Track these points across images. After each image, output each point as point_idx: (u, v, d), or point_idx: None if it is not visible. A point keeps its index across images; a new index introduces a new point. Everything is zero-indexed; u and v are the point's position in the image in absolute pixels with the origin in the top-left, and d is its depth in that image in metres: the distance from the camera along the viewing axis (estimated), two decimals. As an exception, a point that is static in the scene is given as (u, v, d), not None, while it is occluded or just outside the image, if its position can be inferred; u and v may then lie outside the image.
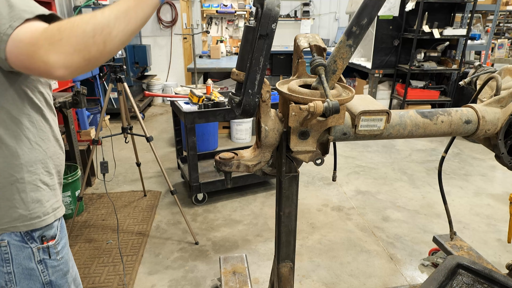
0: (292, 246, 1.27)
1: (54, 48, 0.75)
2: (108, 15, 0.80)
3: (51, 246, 1.06)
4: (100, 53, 0.80)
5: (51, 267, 1.08)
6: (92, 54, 0.79)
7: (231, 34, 7.48)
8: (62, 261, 1.11)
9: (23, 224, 0.99)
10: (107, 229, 2.79)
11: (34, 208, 1.00)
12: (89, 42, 0.77)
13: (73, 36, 0.76)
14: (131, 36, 0.85)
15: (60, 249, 1.10)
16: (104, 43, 0.79)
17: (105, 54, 0.81)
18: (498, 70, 1.41)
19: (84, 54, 0.78)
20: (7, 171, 0.94)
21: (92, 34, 0.77)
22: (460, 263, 1.29)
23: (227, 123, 4.99)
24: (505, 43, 5.53)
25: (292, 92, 1.00)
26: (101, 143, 3.14)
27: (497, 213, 3.08)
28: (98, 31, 0.78)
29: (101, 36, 0.78)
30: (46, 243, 1.04)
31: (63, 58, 0.76)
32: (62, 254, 1.11)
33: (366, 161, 4.19)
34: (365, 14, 0.93)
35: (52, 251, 1.07)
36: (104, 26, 0.79)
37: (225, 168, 1.10)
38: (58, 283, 1.11)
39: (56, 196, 1.08)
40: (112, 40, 0.80)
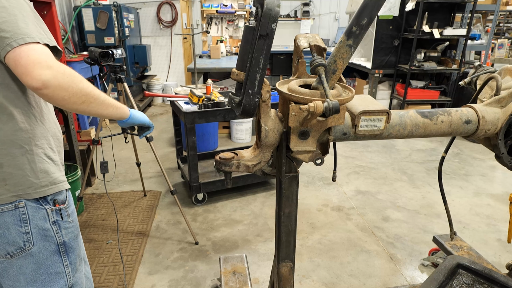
0: (292, 246, 1.27)
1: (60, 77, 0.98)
2: (100, 96, 1.09)
3: (62, 209, 1.17)
4: (73, 104, 1.02)
5: (64, 228, 1.17)
6: (70, 100, 1.01)
7: (231, 34, 7.48)
8: (73, 223, 1.22)
9: (35, 191, 1.10)
10: (107, 229, 2.79)
11: (43, 177, 1.11)
12: (77, 95, 1.01)
13: (74, 84, 1.01)
14: (92, 115, 1.14)
15: (71, 213, 1.21)
16: (82, 104, 1.04)
17: (74, 108, 1.04)
18: (498, 70, 1.41)
19: (66, 95, 0.99)
20: (18, 143, 1.06)
21: (83, 94, 1.03)
22: (460, 263, 1.29)
23: (227, 123, 4.99)
24: (505, 43, 5.53)
25: (292, 92, 1.00)
26: (101, 143, 3.14)
27: (497, 213, 3.08)
28: (87, 96, 1.05)
29: (84, 100, 1.04)
30: (58, 205, 1.15)
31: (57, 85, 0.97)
32: (73, 218, 1.21)
33: (366, 161, 4.19)
34: (365, 14, 0.93)
35: (64, 213, 1.17)
36: (93, 98, 1.07)
37: (225, 168, 1.10)
38: (71, 245, 1.21)
39: (61, 171, 1.19)
40: (86, 107, 1.06)
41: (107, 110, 1.14)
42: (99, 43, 5.06)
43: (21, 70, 0.94)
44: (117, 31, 5.18)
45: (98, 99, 1.08)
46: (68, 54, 4.77)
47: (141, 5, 6.42)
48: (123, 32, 5.31)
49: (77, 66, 4.35)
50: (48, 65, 0.96)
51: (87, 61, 2.46)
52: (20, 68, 0.94)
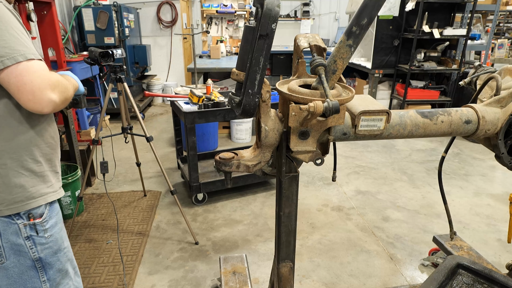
0: (292, 246, 1.27)
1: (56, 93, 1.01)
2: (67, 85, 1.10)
3: (38, 224, 1.10)
4: (63, 102, 1.06)
5: (40, 244, 1.12)
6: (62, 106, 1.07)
7: (231, 34, 7.48)
8: (51, 239, 1.15)
9: (7, 208, 1.04)
10: (107, 229, 2.79)
11: (17, 192, 1.06)
12: (68, 99, 1.10)
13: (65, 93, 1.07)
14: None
15: (49, 228, 1.14)
16: (63, 103, 1.07)
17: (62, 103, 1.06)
18: (498, 70, 1.41)
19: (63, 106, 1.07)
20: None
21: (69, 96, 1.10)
22: (460, 263, 1.29)
23: (227, 123, 4.99)
24: (505, 43, 5.53)
25: (292, 92, 1.00)
26: (101, 143, 3.14)
27: (497, 213, 3.08)
28: (68, 94, 1.10)
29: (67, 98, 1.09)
30: (33, 220, 1.09)
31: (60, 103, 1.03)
32: (51, 233, 1.15)
33: (366, 161, 4.19)
34: (365, 14, 0.93)
35: (39, 228, 1.11)
36: (70, 93, 1.13)
37: (225, 168, 1.10)
38: (49, 261, 1.15)
39: (46, 182, 1.13)
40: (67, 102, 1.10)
41: (71, 92, 1.15)
42: (99, 43, 5.06)
43: (26, 97, 0.93)
44: (117, 31, 5.18)
45: (70, 90, 1.12)
46: (68, 54, 4.77)
47: (141, 5, 6.42)
48: (123, 32, 5.30)
49: (77, 66, 4.35)
50: (52, 84, 0.97)
51: (87, 61, 2.46)
52: (25, 95, 0.93)
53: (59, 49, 3.96)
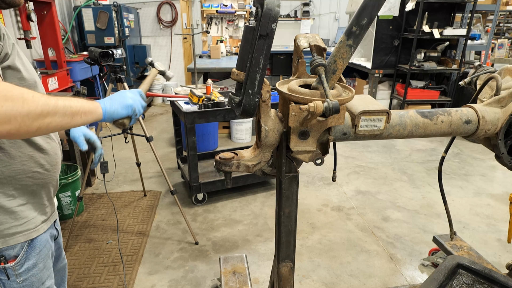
0: (292, 246, 1.27)
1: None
2: (60, 106, 0.80)
3: (8, 268, 0.97)
4: (27, 133, 0.77)
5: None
6: (19, 132, 0.75)
7: (231, 34, 7.47)
8: (24, 283, 1.02)
9: None
10: (107, 229, 2.79)
11: None
12: (26, 122, 0.75)
13: (15, 109, 0.73)
14: (60, 130, 0.87)
15: (23, 271, 1.00)
16: (37, 129, 0.78)
17: (27, 136, 0.80)
18: (498, 70, 1.41)
19: (12, 127, 0.74)
20: None
21: (35, 118, 0.76)
22: (460, 263, 1.29)
23: (227, 123, 4.99)
24: (505, 43, 5.53)
25: (292, 92, 1.00)
26: (101, 143, 3.14)
27: (497, 213, 3.08)
28: (42, 116, 0.77)
29: (40, 122, 0.77)
30: (3, 264, 0.97)
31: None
32: (26, 276, 1.02)
33: (366, 161, 4.19)
34: (365, 14, 0.93)
35: (10, 272, 0.98)
36: (49, 114, 0.78)
37: (225, 168, 1.10)
38: None
39: (17, 220, 0.98)
40: (45, 129, 0.79)
41: (74, 121, 0.85)
42: (99, 43, 5.07)
43: None
44: (117, 31, 5.18)
45: (58, 112, 0.80)
46: (68, 54, 4.77)
47: (141, 5, 6.42)
48: (123, 32, 5.31)
49: (77, 66, 4.36)
50: None
51: (87, 61, 2.46)
52: None
53: (59, 49, 3.96)
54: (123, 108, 1.00)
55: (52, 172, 1.07)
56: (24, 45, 3.52)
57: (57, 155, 1.08)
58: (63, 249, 1.34)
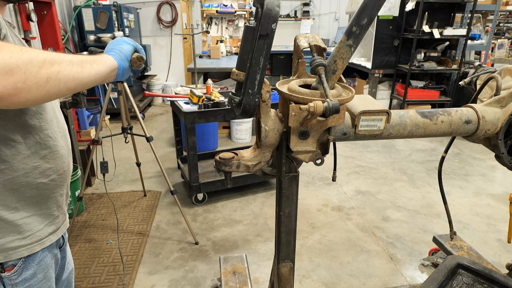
0: (292, 246, 1.27)
1: None
2: (63, 56, 0.76)
3: (5, 277, 0.93)
4: (37, 87, 0.69)
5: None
6: (27, 84, 0.67)
7: (231, 34, 7.48)
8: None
9: None
10: (107, 229, 2.79)
11: None
12: (31, 70, 0.68)
13: (14, 57, 0.66)
14: (77, 86, 0.79)
15: (20, 282, 0.96)
16: (47, 80, 0.71)
17: (41, 92, 0.71)
18: (498, 70, 1.41)
19: (18, 79, 0.66)
20: None
21: (40, 65, 0.69)
22: (460, 263, 1.29)
23: (227, 123, 4.99)
24: (505, 43, 5.53)
25: (292, 92, 1.00)
26: (101, 143, 3.14)
27: (497, 213, 3.08)
28: (47, 63, 0.70)
29: (48, 71, 0.70)
30: (0, 272, 0.93)
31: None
32: (23, 287, 0.97)
33: (366, 161, 4.19)
34: (365, 14, 0.93)
35: (6, 282, 0.94)
36: (55, 62, 0.72)
37: (225, 168, 1.10)
38: None
39: (20, 233, 0.93)
40: (56, 80, 0.72)
41: (86, 70, 0.80)
42: (99, 43, 5.06)
43: None
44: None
45: (64, 60, 0.75)
46: (68, 54, 4.77)
47: (141, 5, 6.42)
48: (123, 32, 5.30)
49: (77, 66, 4.35)
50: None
51: (87, 61, 2.45)
52: None
53: (59, 49, 3.95)
54: (124, 43, 0.97)
55: (59, 181, 1.02)
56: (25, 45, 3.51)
57: (64, 163, 1.03)
58: (71, 254, 1.27)
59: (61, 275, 1.20)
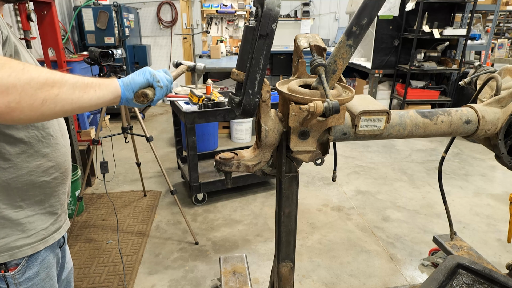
0: (292, 246, 1.27)
1: None
2: (68, 78, 0.73)
3: (8, 276, 0.94)
4: (31, 109, 0.67)
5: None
6: (21, 104, 0.66)
7: (231, 34, 7.47)
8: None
9: None
10: (107, 229, 2.79)
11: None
12: (28, 91, 0.66)
13: (13, 76, 0.65)
14: (75, 110, 0.76)
15: (23, 281, 0.97)
16: (43, 102, 0.68)
17: (35, 113, 0.69)
18: (498, 70, 1.41)
19: (12, 99, 0.65)
20: None
21: (38, 86, 0.67)
22: (460, 263, 1.29)
23: (227, 123, 4.99)
24: (505, 43, 5.53)
25: (292, 92, 1.00)
26: (101, 143, 3.14)
27: (497, 213, 3.08)
28: (47, 85, 0.68)
29: (45, 93, 0.68)
30: (4, 272, 0.93)
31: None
32: (26, 286, 0.98)
33: (366, 161, 4.19)
34: (365, 14, 0.93)
35: (10, 281, 0.94)
36: (56, 84, 0.70)
37: (225, 168, 1.10)
38: None
39: (24, 232, 0.94)
40: (52, 103, 0.70)
41: (88, 94, 0.77)
42: (99, 43, 5.07)
43: None
44: (117, 31, 5.18)
45: (66, 83, 0.73)
46: (68, 54, 4.77)
47: (141, 5, 6.42)
48: (123, 32, 5.31)
49: (77, 66, 4.35)
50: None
51: (87, 61, 2.46)
52: None
53: (59, 49, 3.95)
54: (140, 75, 0.90)
55: (61, 179, 1.02)
56: (24, 45, 3.52)
57: (66, 161, 1.03)
58: (70, 253, 1.28)
59: (61, 274, 1.21)
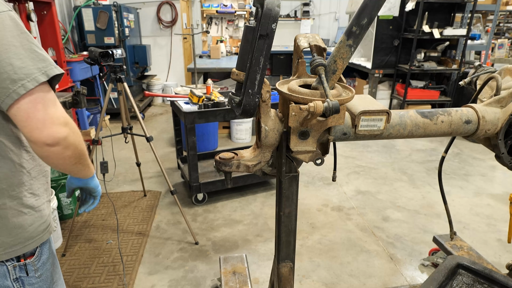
0: (292, 246, 1.27)
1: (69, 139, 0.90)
2: (86, 154, 1.02)
3: (28, 264, 1.01)
4: (67, 164, 0.95)
5: (29, 284, 1.03)
6: (70, 160, 0.94)
7: (231, 34, 7.47)
8: (41, 278, 1.06)
9: (4, 252, 0.95)
10: (107, 229, 2.79)
11: (16, 234, 0.96)
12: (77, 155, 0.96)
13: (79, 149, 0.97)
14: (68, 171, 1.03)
15: (40, 266, 1.04)
16: (74, 165, 0.98)
17: (62, 167, 0.96)
18: (498, 70, 1.41)
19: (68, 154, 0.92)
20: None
21: (81, 155, 0.98)
22: (460, 263, 1.29)
23: (227, 123, 4.99)
24: (505, 43, 5.53)
25: (292, 92, 1.00)
26: (101, 143, 3.14)
27: (497, 213, 3.08)
28: (81, 158, 0.99)
29: (79, 161, 0.98)
30: (24, 260, 1.00)
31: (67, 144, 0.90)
32: (42, 271, 1.05)
33: (366, 161, 4.19)
34: (365, 14, 0.93)
35: (30, 268, 1.01)
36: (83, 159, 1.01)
37: (225, 168, 1.10)
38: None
39: (42, 217, 1.04)
40: (71, 169, 0.99)
41: (83, 171, 1.06)
42: (99, 43, 5.07)
43: (35, 124, 0.83)
44: (117, 31, 5.18)
45: (85, 161, 1.02)
46: (68, 54, 4.77)
47: (141, 5, 6.42)
48: (123, 32, 5.31)
49: (77, 66, 4.35)
50: (66, 121, 0.88)
51: (87, 61, 2.46)
52: (34, 122, 0.83)
53: (59, 49, 3.96)
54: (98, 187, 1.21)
55: (50, 170, 1.13)
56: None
57: None
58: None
59: None
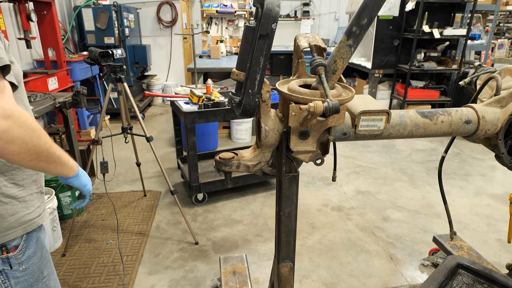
0: (292, 246, 1.27)
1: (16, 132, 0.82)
2: (53, 152, 0.94)
3: (11, 257, 1.00)
4: (20, 160, 0.87)
5: (13, 277, 1.02)
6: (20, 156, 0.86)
7: (231, 34, 7.47)
8: (27, 272, 1.05)
9: None
10: (107, 229, 2.79)
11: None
12: (30, 151, 0.86)
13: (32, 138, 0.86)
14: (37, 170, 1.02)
15: (25, 260, 1.04)
16: (30, 161, 0.89)
17: (19, 163, 0.89)
18: (498, 70, 1.41)
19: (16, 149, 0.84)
20: None
21: (37, 151, 0.88)
22: (460, 263, 1.29)
23: (227, 123, 4.99)
24: (505, 43, 5.53)
25: (292, 92, 1.00)
26: (101, 143, 3.14)
27: (497, 213, 3.08)
28: (40, 155, 0.89)
29: (36, 158, 0.89)
30: (6, 253, 0.99)
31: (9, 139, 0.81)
32: (28, 265, 1.05)
33: (366, 161, 4.19)
34: (365, 14, 0.93)
35: (13, 261, 1.01)
36: (45, 157, 0.91)
37: (225, 168, 1.10)
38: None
39: (27, 208, 1.03)
40: (31, 166, 0.91)
41: (55, 169, 0.99)
42: (99, 43, 5.07)
43: None
44: (117, 31, 5.18)
45: (49, 158, 0.94)
46: (68, 54, 4.77)
47: (141, 5, 6.42)
48: (123, 32, 5.31)
49: (77, 66, 4.36)
50: (8, 114, 0.79)
51: (87, 61, 2.46)
52: None
53: (59, 49, 3.96)
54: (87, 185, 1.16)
55: None
56: (24, 45, 3.52)
57: None
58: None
59: None
